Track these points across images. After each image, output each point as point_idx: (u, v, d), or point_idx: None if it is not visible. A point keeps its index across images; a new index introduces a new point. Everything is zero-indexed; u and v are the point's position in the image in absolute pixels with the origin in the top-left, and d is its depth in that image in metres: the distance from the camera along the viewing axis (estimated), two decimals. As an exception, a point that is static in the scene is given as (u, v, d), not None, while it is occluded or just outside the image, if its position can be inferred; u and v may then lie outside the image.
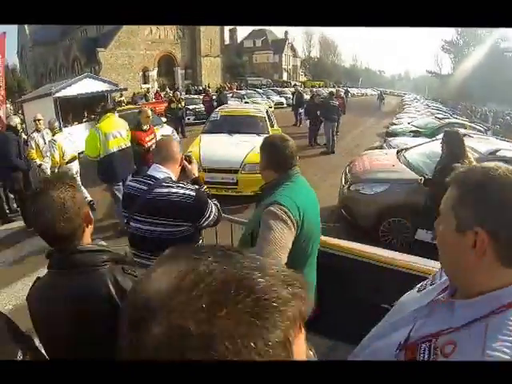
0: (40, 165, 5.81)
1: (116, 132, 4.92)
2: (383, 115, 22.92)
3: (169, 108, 12.54)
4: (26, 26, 46.72)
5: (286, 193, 1.65)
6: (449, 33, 42.35)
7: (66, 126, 10.12)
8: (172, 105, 12.36)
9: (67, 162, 5.79)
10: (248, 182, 5.93)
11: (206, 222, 1.96)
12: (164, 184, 1.86)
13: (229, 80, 41.67)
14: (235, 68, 46.91)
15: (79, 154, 6.24)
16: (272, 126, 7.86)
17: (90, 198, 5.87)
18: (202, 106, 15.68)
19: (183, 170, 2.15)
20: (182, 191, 1.86)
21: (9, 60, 45.33)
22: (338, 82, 63.37)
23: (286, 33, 62.11)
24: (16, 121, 5.91)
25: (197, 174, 2.25)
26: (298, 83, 49.15)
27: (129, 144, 5.05)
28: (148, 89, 31.99)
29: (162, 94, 26.05)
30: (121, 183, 4.86)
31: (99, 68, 34.83)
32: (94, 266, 1.13)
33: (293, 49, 64.19)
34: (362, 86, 67.04)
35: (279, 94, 27.29)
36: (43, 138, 6.14)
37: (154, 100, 21.97)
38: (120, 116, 6.21)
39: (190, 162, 2.21)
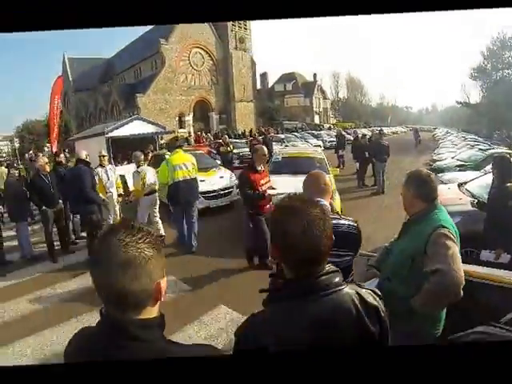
0: (103, 200, 6.17)
1: (182, 164, 5.97)
2: (418, 151, 23.00)
3: (218, 151, 13.05)
4: (69, 74, 51.21)
5: (442, 218, 1.99)
6: (475, 59, 41.63)
7: (116, 165, 10.68)
8: (221, 148, 12.94)
9: (146, 194, 6.15)
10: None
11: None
12: (331, 216, 1.95)
13: (262, 124, 42.96)
14: (268, 112, 48.59)
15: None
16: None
17: (163, 233, 6.20)
18: (245, 149, 16.15)
19: None
20: (347, 222, 2.02)
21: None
22: (368, 122, 64.24)
23: (315, 75, 64.57)
24: (84, 153, 6.09)
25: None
26: (330, 125, 50.27)
27: (193, 175, 6.13)
28: (189, 133, 33.48)
29: (204, 137, 27.25)
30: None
31: (138, 112, 36.82)
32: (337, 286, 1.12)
33: (322, 91, 66.25)
34: (391, 125, 67.46)
35: (316, 137, 28.00)
36: (106, 174, 6.48)
37: (194, 144, 22.93)
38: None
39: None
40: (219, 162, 11.51)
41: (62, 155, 7.32)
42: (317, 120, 59.02)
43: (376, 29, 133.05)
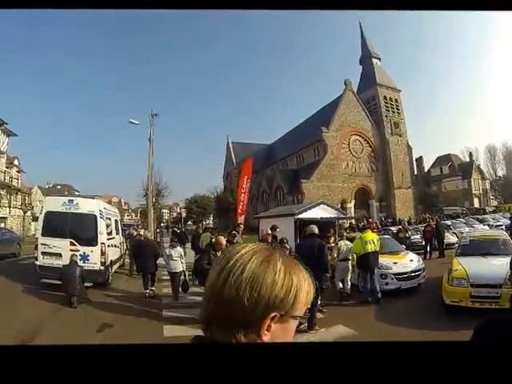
0: None
1: (370, 240, 9.03)
2: None
3: (397, 237, 15.18)
4: (233, 157, 60.06)
5: None
6: None
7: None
8: (400, 234, 15.55)
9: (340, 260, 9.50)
10: (509, 297, 6.85)
11: None
12: None
13: (422, 211, 43.05)
14: (427, 198, 49.09)
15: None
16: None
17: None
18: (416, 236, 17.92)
19: None
20: None
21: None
22: None
23: (471, 154, 62.93)
24: (316, 230, 7.73)
25: None
26: (493, 207, 47.64)
27: (376, 249, 9.05)
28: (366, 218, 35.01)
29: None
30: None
31: (302, 198, 41.24)
32: None
33: (480, 171, 63.40)
34: None
35: (481, 221, 27.40)
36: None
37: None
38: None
39: None
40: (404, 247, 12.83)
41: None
42: (476, 203, 56.56)
43: None
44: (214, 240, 7.61)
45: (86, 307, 8.27)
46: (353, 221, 37.68)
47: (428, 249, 16.12)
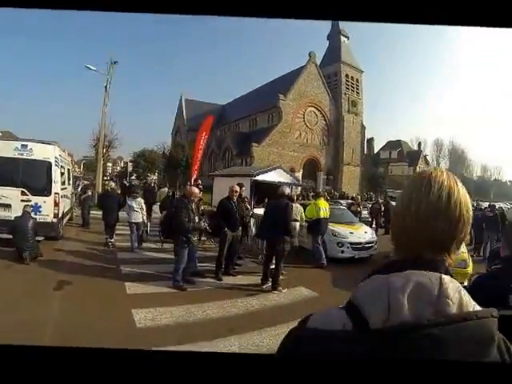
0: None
1: (323, 208, 9.30)
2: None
3: (349, 210, 15.34)
4: (184, 113, 57.84)
5: None
6: None
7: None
8: (352, 207, 15.84)
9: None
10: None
11: None
12: None
13: (367, 190, 44.25)
14: (373, 178, 50.43)
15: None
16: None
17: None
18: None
19: None
20: None
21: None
22: (470, 197, 62.49)
23: (420, 144, 66.07)
24: (288, 191, 7.70)
25: None
26: None
27: (327, 216, 9.36)
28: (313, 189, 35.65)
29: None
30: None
31: (251, 161, 40.61)
32: None
33: (426, 161, 67.05)
34: (494, 200, 64.60)
35: None
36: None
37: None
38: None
39: None
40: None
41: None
42: None
43: (486, 103, 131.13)
44: (187, 191, 7.43)
45: (38, 263, 7.64)
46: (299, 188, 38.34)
47: (374, 225, 16.61)
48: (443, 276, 0.73)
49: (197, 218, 7.12)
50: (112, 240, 9.78)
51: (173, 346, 3.97)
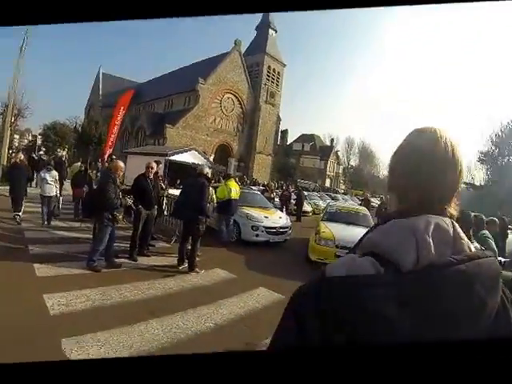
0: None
1: (234, 189, 9.40)
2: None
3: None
4: (100, 88, 55.51)
5: None
6: (485, 145, 44.69)
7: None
8: (265, 194, 16.14)
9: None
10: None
11: None
12: None
13: (277, 179, 46.17)
14: (285, 169, 53.36)
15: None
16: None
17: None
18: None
19: None
20: None
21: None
22: (375, 192, 67.84)
23: (332, 140, 70.75)
24: (208, 170, 7.38)
25: None
26: (344, 190, 53.90)
27: (237, 198, 9.49)
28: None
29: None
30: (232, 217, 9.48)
31: (164, 142, 40.83)
32: None
33: (337, 156, 71.57)
34: None
35: (333, 199, 29.92)
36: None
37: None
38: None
39: None
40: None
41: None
42: (328, 183, 63.83)
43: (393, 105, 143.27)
44: (112, 165, 7.04)
45: None
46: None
47: (284, 211, 17.12)
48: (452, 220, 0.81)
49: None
50: (20, 214, 9.23)
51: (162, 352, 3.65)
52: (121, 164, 6.77)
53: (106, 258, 6.33)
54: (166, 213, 9.43)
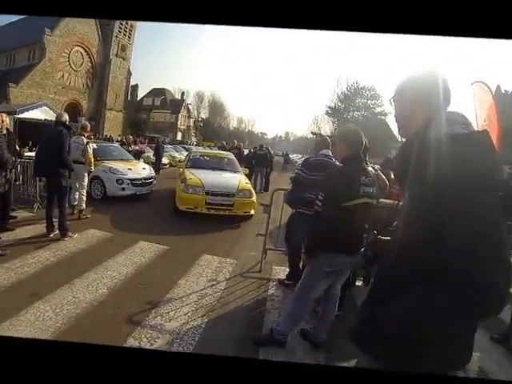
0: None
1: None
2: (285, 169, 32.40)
3: None
4: None
5: None
6: (331, 100, 56.59)
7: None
8: (123, 147, 16.13)
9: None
10: (241, 204, 8.44)
11: None
12: None
13: (129, 134, 49.15)
14: (136, 124, 56.72)
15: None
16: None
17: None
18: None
19: None
20: None
21: None
22: (227, 143, 73.80)
23: (183, 93, 75.17)
24: (66, 117, 6.43)
25: None
26: (196, 142, 59.33)
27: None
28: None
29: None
30: None
31: (7, 103, 36.93)
32: None
33: (188, 110, 75.83)
34: (250, 147, 78.07)
35: (187, 150, 30.32)
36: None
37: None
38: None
39: None
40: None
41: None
42: (179, 136, 67.90)
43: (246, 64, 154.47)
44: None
45: None
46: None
47: None
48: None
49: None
50: None
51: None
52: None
53: None
54: (20, 180, 8.72)
